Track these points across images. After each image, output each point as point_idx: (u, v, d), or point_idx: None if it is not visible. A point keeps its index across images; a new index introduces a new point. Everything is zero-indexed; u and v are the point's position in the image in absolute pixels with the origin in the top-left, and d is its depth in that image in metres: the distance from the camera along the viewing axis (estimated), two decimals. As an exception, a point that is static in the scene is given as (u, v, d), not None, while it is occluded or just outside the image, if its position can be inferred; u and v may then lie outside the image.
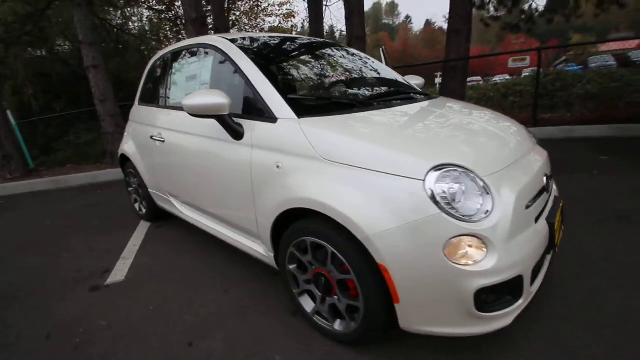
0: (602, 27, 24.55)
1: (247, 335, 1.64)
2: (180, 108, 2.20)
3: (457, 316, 1.23)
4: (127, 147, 2.98)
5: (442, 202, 1.17)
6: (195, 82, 2.14)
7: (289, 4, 10.85)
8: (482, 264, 1.18)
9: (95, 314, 1.91)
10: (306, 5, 8.31)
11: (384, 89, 2.22)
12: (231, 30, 10.48)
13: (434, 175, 1.21)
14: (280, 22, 11.22)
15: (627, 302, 1.63)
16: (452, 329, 1.25)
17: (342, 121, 1.50)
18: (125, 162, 3.17)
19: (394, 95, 2.03)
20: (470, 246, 1.18)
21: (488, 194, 1.22)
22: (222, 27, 5.93)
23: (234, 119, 1.69)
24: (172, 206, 2.63)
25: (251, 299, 1.93)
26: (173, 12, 10.10)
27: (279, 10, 11.07)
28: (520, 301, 1.26)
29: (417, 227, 1.18)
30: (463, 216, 1.17)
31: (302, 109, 1.56)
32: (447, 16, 5.66)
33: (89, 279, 2.29)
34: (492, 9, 6.98)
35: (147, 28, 10.69)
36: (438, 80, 11.11)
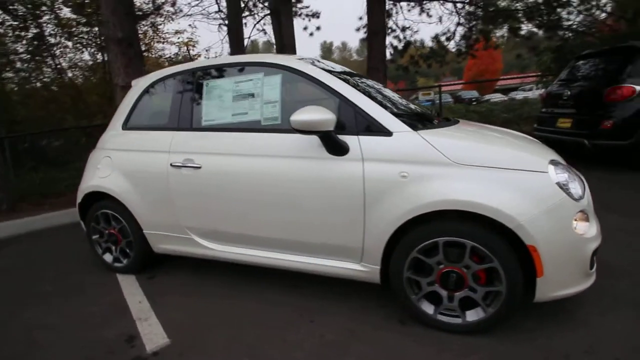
0: (435, 73, 31.89)
1: (379, 355, 1.59)
2: (230, 129, 2.03)
3: (577, 277, 1.56)
4: (108, 181, 2.40)
5: (564, 188, 1.52)
6: (251, 101, 1.99)
7: (186, 32, 10.36)
8: (590, 232, 1.56)
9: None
10: (220, 36, 8.24)
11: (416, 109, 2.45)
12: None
13: (552, 168, 1.55)
14: (178, 51, 10.59)
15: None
16: (573, 289, 1.57)
17: (456, 132, 1.72)
18: (94, 202, 2.53)
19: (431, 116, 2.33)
20: (581, 220, 1.55)
21: (578, 179, 1.63)
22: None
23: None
24: (191, 245, 2.25)
25: (347, 320, 1.85)
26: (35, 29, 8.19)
27: (178, 37, 10.45)
28: None
29: (553, 209, 1.48)
30: (575, 197, 1.54)
31: (408, 123, 1.71)
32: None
33: (117, 353, 1.74)
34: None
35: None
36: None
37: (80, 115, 8.43)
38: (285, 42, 6.32)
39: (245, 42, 7.57)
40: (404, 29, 7.86)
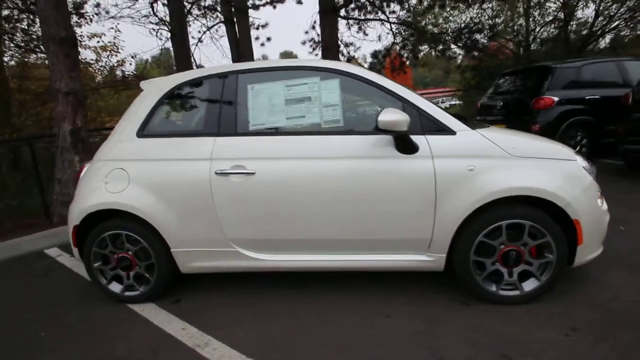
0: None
1: (467, 332, 1.74)
2: (285, 132, 2.00)
3: (598, 244, 1.95)
4: (125, 197, 2.07)
5: (589, 172, 1.90)
6: (308, 105, 1.98)
7: (104, 36, 9.20)
8: (604, 207, 1.97)
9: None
10: (160, 43, 7.66)
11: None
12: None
13: (578, 156, 1.93)
14: (98, 57, 9.34)
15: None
16: (595, 254, 1.95)
17: (501, 130, 1.99)
18: (95, 223, 2.16)
19: None
20: (600, 197, 1.95)
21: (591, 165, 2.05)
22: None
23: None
24: (233, 259, 2.10)
25: (417, 309, 1.95)
26: None
27: (98, 41, 9.20)
28: None
29: (586, 189, 1.85)
30: (594, 179, 1.94)
31: (464, 122, 1.94)
32: None
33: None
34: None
35: None
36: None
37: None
38: (242, 51, 6.18)
39: (193, 48, 7.17)
40: (347, 45, 8.41)
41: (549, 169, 1.83)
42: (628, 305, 1.85)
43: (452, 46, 7.88)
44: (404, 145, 1.84)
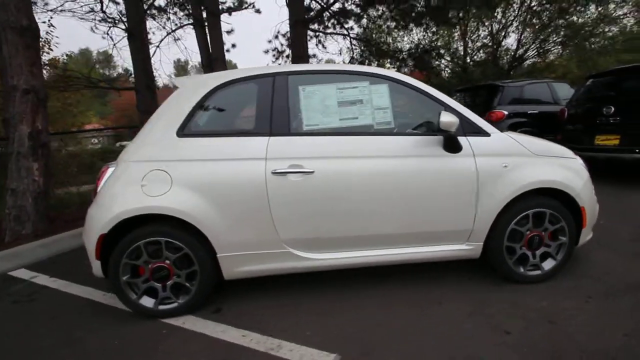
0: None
1: (532, 312, 1.97)
2: (339, 133, 2.08)
3: (591, 228, 2.38)
4: (169, 200, 1.92)
5: (585, 168, 2.33)
6: (360, 107, 2.08)
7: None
8: (595, 197, 2.41)
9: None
10: (110, 41, 7.01)
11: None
12: None
13: (577, 155, 2.35)
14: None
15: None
16: (590, 236, 2.37)
17: (521, 134, 2.32)
18: (123, 232, 1.96)
19: None
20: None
21: None
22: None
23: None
24: (284, 260, 2.08)
25: (462, 294, 2.16)
26: None
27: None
28: None
29: (587, 181, 2.26)
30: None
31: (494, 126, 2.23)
32: None
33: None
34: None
35: None
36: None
37: None
38: (214, 56, 5.95)
39: (153, 50, 6.65)
40: (311, 57, 8.63)
41: (561, 165, 2.21)
42: (619, 277, 2.28)
43: (408, 63, 8.66)
44: (452, 144, 2.05)
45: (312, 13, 7.47)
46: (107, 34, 6.87)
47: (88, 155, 7.31)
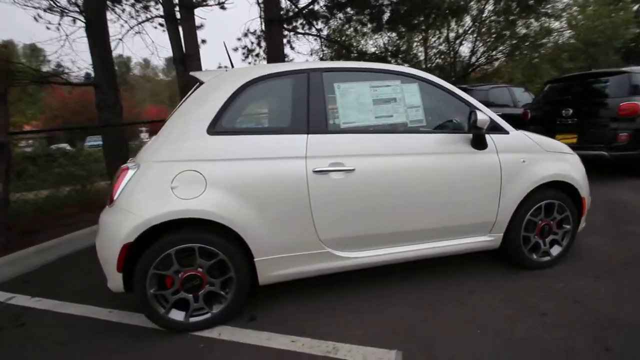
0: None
1: (556, 294, 2.12)
2: (375, 130, 2.09)
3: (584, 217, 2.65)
4: (204, 202, 1.77)
5: (581, 162, 2.59)
6: (394, 105, 2.10)
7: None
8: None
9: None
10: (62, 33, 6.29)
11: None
12: None
13: (574, 151, 2.61)
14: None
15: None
16: (584, 224, 2.64)
17: (532, 133, 2.51)
18: (150, 238, 1.78)
19: None
20: (582, 181, 2.67)
21: None
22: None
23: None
24: (322, 260, 2.03)
25: (488, 283, 2.27)
26: None
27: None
28: None
29: (584, 175, 2.51)
30: None
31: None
32: None
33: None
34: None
35: None
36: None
37: None
38: (187, 52, 5.57)
39: (115, 44, 6.03)
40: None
41: (566, 160, 2.43)
42: (612, 257, 2.56)
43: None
44: (480, 142, 2.16)
45: (290, 13, 7.38)
46: (59, 23, 6.12)
47: (20, 160, 6.42)
